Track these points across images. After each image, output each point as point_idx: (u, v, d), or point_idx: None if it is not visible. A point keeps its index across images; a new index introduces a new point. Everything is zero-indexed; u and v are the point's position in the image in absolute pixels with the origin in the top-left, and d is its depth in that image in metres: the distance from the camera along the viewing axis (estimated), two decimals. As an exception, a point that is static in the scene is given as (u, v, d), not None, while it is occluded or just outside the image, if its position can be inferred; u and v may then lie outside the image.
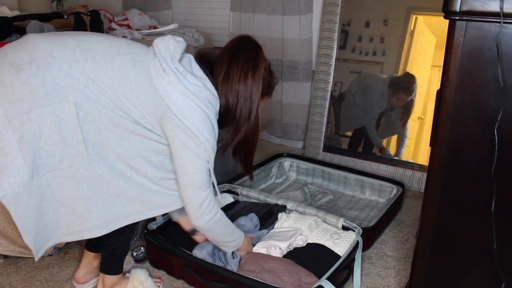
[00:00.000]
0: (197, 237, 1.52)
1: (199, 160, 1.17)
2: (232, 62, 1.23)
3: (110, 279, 1.39)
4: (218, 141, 1.51)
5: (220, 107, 1.24)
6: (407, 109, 2.34)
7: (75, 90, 1.09)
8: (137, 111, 1.14)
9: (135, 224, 1.34)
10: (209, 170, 1.21)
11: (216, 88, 1.22)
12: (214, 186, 1.26)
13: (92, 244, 1.48)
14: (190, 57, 1.22)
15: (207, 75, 1.22)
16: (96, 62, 1.11)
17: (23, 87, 1.05)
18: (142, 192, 1.21)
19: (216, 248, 1.49)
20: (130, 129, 1.15)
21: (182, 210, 1.47)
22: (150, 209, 1.25)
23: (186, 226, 1.53)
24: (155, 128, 1.18)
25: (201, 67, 1.22)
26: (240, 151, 1.38)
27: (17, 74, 1.05)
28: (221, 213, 1.30)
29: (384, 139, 2.44)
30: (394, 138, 2.42)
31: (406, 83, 2.32)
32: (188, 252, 1.49)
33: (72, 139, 1.09)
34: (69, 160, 1.10)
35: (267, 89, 1.34)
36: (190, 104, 1.13)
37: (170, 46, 1.17)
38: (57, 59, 1.08)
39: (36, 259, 1.14)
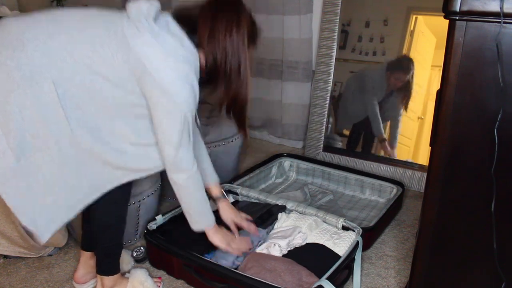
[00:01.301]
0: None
1: (174, 120, 1.18)
2: (215, 22, 1.23)
3: (108, 279, 1.39)
4: (209, 103, 1.51)
5: (207, 65, 1.25)
6: (406, 90, 2.34)
7: (52, 68, 1.10)
8: (116, 75, 1.15)
9: (125, 221, 1.37)
10: (187, 128, 1.21)
11: (198, 47, 1.23)
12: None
13: (86, 243, 1.48)
14: (167, 17, 1.22)
15: (186, 33, 1.22)
16: (70, 33, 1.12)
17: (0, 70, 1.07)
18: (126, 157, 1.23)
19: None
20: (110, 97, 1.16)
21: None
22: (133, 171, 1.27)
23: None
24: (135, 90, 1.18)
25: (180, 26, 1.22)
26: (234, 108, 1.36)
27: None
28: (196, 175, 1.30)
29: (385, 123, 2.43)
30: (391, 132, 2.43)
31: (403, 63, 2.34)
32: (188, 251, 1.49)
33: (54, 117, 1.11)
34: (53, 139, 1.12)
35: (252, 39, 1.33)
36: (167, 63, 1.14)
37: (142, 7, 1.16)
38: (31, 39, 1.10)
39: (43, 241, 1.17)
